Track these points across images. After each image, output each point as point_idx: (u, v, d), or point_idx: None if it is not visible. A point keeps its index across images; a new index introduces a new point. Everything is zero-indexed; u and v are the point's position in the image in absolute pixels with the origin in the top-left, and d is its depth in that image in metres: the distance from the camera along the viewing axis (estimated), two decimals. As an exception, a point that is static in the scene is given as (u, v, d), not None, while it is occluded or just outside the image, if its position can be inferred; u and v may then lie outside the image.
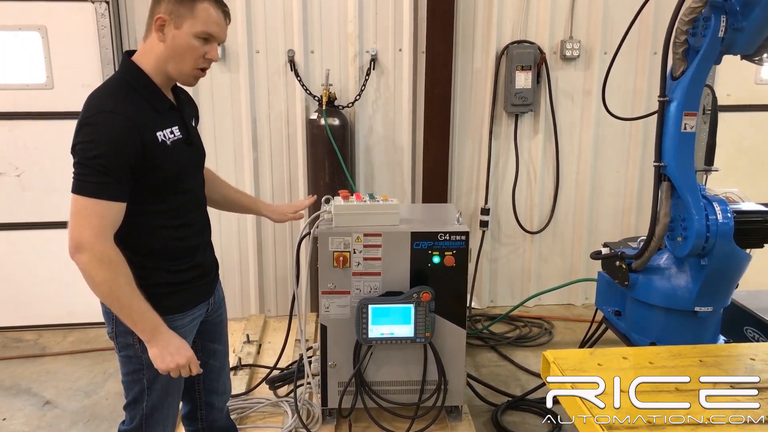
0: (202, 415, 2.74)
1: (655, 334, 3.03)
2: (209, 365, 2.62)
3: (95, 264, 2.00)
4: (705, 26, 2.65)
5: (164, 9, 2.07)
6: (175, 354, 2.14)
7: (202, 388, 2.67)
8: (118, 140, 1.99)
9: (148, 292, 2.12)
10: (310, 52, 4.72)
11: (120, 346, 2.29)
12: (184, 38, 2.10)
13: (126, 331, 2.20)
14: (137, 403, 2.37)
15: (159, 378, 2.33)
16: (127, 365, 2.33)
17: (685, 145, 2.75)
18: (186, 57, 2.13)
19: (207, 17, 2.11)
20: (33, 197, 4.66)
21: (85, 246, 1.99)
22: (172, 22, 2.08)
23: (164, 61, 2.13)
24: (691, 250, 2.77)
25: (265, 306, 5.09)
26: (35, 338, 4.77)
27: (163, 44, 2.10)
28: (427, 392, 3.30)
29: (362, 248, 3.15)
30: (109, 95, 2.07)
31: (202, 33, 2.12)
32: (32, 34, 4.44)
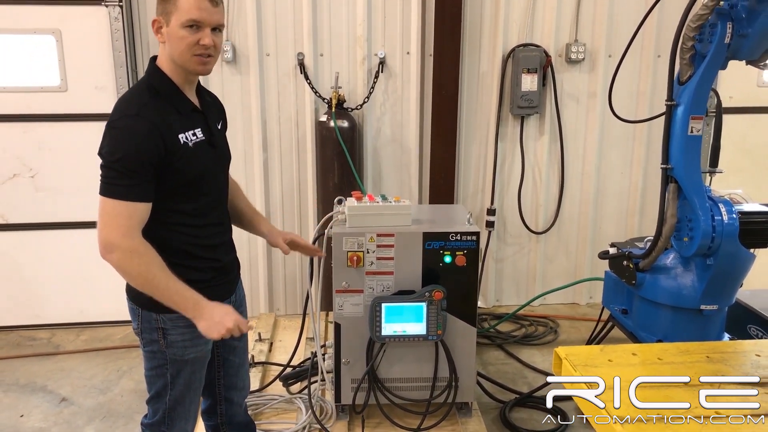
0: (222, 410, 2.79)
1: (662, 331, 3.10)
2: (229, 361, 2.69)
3: (127, 260, 2.10)
4: (711, 32, 2.73)
5: (158, 12, 2.19)
6: (221, 321, 2.20)
7: (222, 383, 2.73)
8: (141, 143, 2.07)
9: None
10: (319, 55, 4.78)
11: (145, 341, 2.37)
12: (175, 31, 2.16)
13: (151, 327, 2.31)
14: (160, 397, 2.44)
15: (182, 373, 2.41)
16: (152, 360, 2.39)
17: (691, 148, 2.83)
18: (182, 47, 2.18)
19: (189, 6, 2.15)
20: (46, 198, 4.72)
21: (114, 245, 2.08)
22: (165, 21, 2.17)
23: (171, 58, 2.21)
24: (697, 250, 2.85)
25: (274, 305, 5.15)
26: (48, 337, 4.83)
27: (164, 44, 2.21)
28: (438, 389, 3.37)
29: (375, 248, 3.21)
30: (134, 99, 2.17)
31: (187, 21, 2.15)
32: (47, 38, 4.50)
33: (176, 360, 2.36)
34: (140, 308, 2.33)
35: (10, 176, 4.68)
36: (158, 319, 2.31)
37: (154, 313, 2.30)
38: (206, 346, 2.45)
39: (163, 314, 2.29)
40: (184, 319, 2.23)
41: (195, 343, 2.38)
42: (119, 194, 2.08)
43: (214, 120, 2.43)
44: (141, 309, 2.33)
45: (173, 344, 2.34)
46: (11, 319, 4.93)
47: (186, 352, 2.37)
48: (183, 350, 2.36)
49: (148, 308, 2.30)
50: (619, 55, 4.84)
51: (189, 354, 2.38)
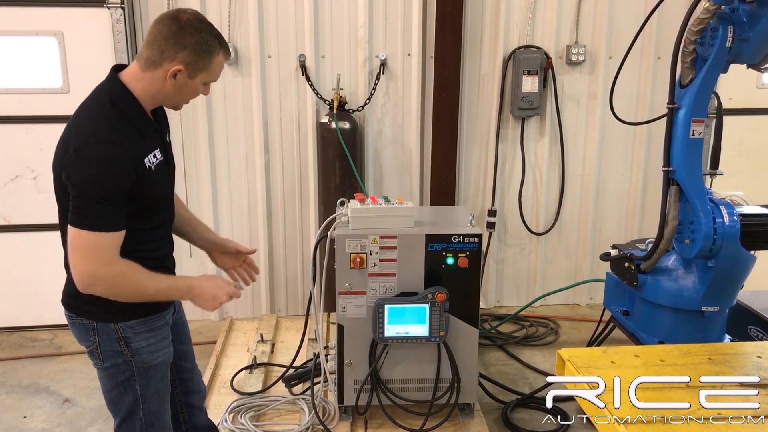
0: (185, 418, 2.71)
1: (663, 333, 3.12)
2: (182, 367, 2.61)
3: (115, 287, 2.09)
4: (713, 36, 2.74)
5: (182, 60, 2.11)
6: (216, 296, 2.26)
7: (180, 391, 2.64)
8: (116, 172, 2.02)
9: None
10: (321, 57, 4.78)
11: (105, 356, 2.24)
12: (195, 86, 2.19)
13: (110, 339, 2.21)
14: (133, 415, 2.31)
15: (152, 382, 2.30)
16: (115, 376, 2.27)
17: (693, 151, 2.85)
18: (187, 98, 2.24)
19: (218, 70, 2.23)
20: (49, 199, 4.63)
21: (98, 278, 2.05)
22: (187, 72, 2.14)
23: (164, 96, 2.19)
24: (699, 252, 2.87)
25: (275, 306, 5.16)
26: (51, 338, 4.84)
27: (171, 87, 2.15)
28: (441, 390, 3.39)
29: (378, 250, 3.23)
30: (102, 122, 2.07)
31: (210, 81, 2.24)
32: (49, 40, 4.50)
33: (144, 368, 2.27)
34: (93, 321, 2.21)
35: (12, 177, 4.68)
36: (117, 328, 2.21)
37: (111, 324, 2.20)
38: (170, 348, 2.39)
39: (122, 323, 2.21)
40: (144, 323, 2.24)
41: (160, 347, 2.32)
42: (98, 226, 2.02)
43: (165, 134, 2.38)
44: (95, 322, 2.21)
45: (139, 351, 2.25)
46: (13, 320, 4.93)
47: (153, 357, 2.29)
48: (150, 355, 2.28)
49: (103, 320, 2.20)
50: (619, 57, 4.87)
51: (156, 358, 2.31)
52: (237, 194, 4.93)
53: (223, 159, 4.84)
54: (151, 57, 2.12)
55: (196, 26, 2.13)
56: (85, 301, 2.17)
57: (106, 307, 2.15)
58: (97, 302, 2.13)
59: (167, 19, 2.13)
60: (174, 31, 2.10)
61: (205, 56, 2.15)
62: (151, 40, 2.12)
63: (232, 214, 4.97)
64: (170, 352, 2.39)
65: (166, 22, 2.12)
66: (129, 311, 2.19)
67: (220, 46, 2.19)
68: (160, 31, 2.11)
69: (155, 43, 2.11)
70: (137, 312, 2.22)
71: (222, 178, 4.88)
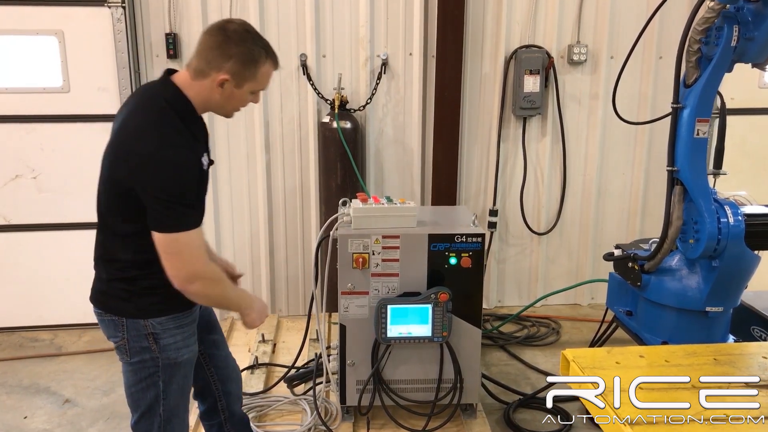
0: (223, 406, 2.79)
1: (667, 333, 3.11)
2: (215, 356, 2.70)
3: (208, 287, 2.24)
4: (718, 35, 2.73)
5: (228, 69, 2.18)
6: (262, 311, 2.50)
7: (216, 379, 2.73)
8: (189, 174, 2.13)
9: (167, 292, 2.22)
10: (322, 57, 4.77)
11: (133, 352, 2.29)
12: (243, 95, 2.28)
13: (139, 335, 2.27)
14: (152, 412, 2.36)
15: (175, 378, 2.35)
16: (139, 372, 2.32)
17: (697, 151, 2.84)
18: (237, 106, 2.33)
19: (265, 79, 2.30)
20: (49, 199, 4.71)
21: (197, 276, 2.18)
22: (234, 82, 2.21)
23: (214, 104, 2.27)
24: (703, 252, 2.86)
25: (276, 306, 5.15)
26: (51, 338, 4.83)
27: (219, 95, 2.23)
28: (443, 390, 3.38)
29: (381, 250, 3.22)
30: (166, 126, 2.14)
31: (258, 90, 2.32)
32: (49, 39, 4.49)
33: (169, 365, 2.32)
34: (123, 317, 2.27)
35: (13, 177, 4.67)
36: (147, 324, 2.26)
37: (141, 320, 2.26)
38: (195, 345, 2.45)
39: (152, 319, 2.26)
40: (172, 320, 2.29)
41: (187, 343, 2.37)
42: (184, 226, 2.12)
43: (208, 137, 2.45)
44: (125, 318, 2.26)
45: (167, 348, 2.30)
46: (14, 320, 4.91)
47: (180, 354, 2.34)
48: (177, 352, 2.33)
49: (133, 316, 2.26)
50: (620, 57, 4.93)
51: (183, 355, 2.36)
52: (238, 194, 4.92)
53: (223, 159, 4.82)
54: (199, 66, 2.20)
55: (242, 36, 2.20)
56: (115, 298, 2.27)
57: (137, 304, 2.24)
58: (129, 299, 2.24)
59: (214, 29, 2.22)
60: (220, 42, 2.18)
61: (251, 66, 2.21)
62: (200, 50, 2.21)
63: (233, 213, 4.95)
64: (195, 349, 2.45)
65: (213, 33, 2.21)
66: (159, 308, 2.26)
67: (267, 56, 2.26)
68: (207, 41, 2.21)
69: (203, 53, 2.20)
70: (167, 309, 2.28)
71: (223, 178, 4.86)
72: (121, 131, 2.19)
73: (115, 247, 2.26)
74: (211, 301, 2.43)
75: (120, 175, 2.13)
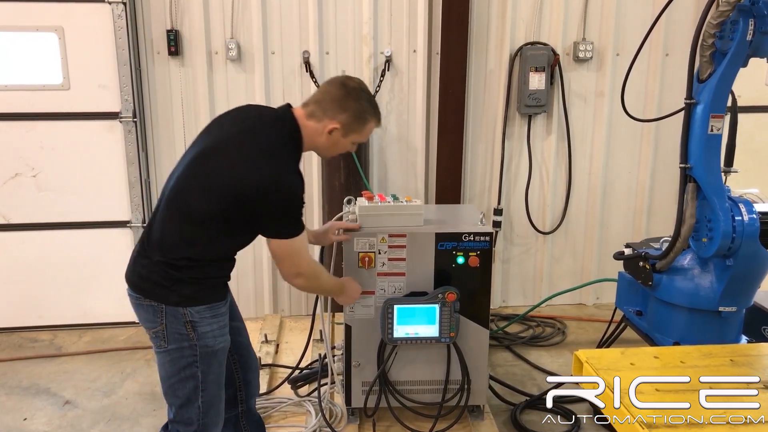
0: (242, 397, 2.84)
1: (679, 333, 3.06)
2: (239, 342, 2.76)
3: (309, 281, 2.63)
4: (733, 29, 2.68)
5: (340, 120, 2.49)
6: (357, 292, 3.07)
7: (238, 367, 2.78)
8: (302, 195, 2.41)
9: (209, 284, 2.42)
10: (325, 54, 4.74)
11: (171, 339, 2.38)
12: (345, 143, 2.59)
13: (178, 322, 2.37)
14: (191, 403, 2.44)
15: (212, 367, 2.45)
16: (178, 361, 2.40)
17: (711, 147, 2.80)
18: (336, 151, 2.63)
19: (369, 133, 2.65)
20: (49, 198, 4.65)
21: (302, 273, 2.55)
22: (342, 132, 2.52)
23: (318, 145, 2.57)
24: (717, 251, 2.81)
25: (279, 306, 5.10)
26: (51, 338, 4.77)
27: (325, 140, 2.53)
28: (450, 392, 3.32)
29: (387, 249, 3.17)
30: (290, 156, 2.46)
31: (358, 142, 2.65)
32: (49, 35, 4.44)
33: (207, 353, 2.41)
34: (162, 304, 2.36)
35: (12, 176, 4.61)
36: (186, 312, 2.36)
37: (180, 308, 2.35)
38: (228, 335, 2.53)
39: (191, 307, 2.36)
40: (209, 309, 2.41)
41: (222, 332, 2.48)
42: (295, 233, 2.43)
43: None
44: (164, 305, 2.36)
45: (204, 335, 2.39)
46: (13, 320, 4.85)
47: (216, 342, 2.43)
48: (214, 340, 2.42)
49: (173, 303, 2.35)
50: (626, 54, 4.91)
51: (219, 343, 2.45)
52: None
53: (226, 157, 4.76)
54: (315, 112, 2.51)
55: (359, 94, 2.53)
56: (157, 284, 2.36)
57: (179, 292, 2.35)
58: (171, 287, 2.35)
59: (337, 83, 2.55)
60: (341, 96, 2.50)
61: (361, 121, 2.55)
62: (320, 97, 2.53)
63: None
64: (228, 339, 2.54)
65: (335, 86, 2.54)
66: (198, 297, 2.38)
67: (374, 115, 2.60)
68: (329, 92, 2.53)
69: (323, 101, 2.51)
70: (205, 298, 2.40)
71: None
72: (242, 143, 2.40)
73: (188, 237, 2.36)
74: (311, 291, 3.11)
75: (243, 186, 2.30)
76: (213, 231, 2.37)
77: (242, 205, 2.32)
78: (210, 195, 2.34)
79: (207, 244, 2.37)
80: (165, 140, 4.76)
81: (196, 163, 2.42)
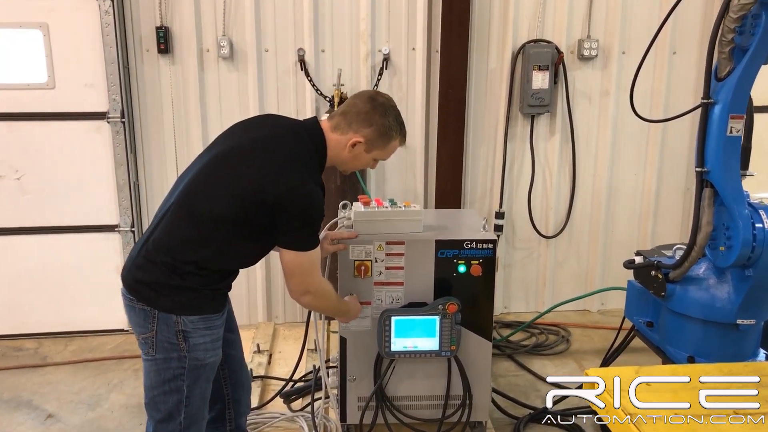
0: (230, 416, 2.75)
1: (693, 347, 2.92)
2: (232, 356, 2.67)
3: (318, 300, 2.54)
4: (754, 24, 2.53)
5: (365, 135, 2.47)
6: (357, 311, 2.95)
7: (228, 383, 2.69)
8: (322, 208, 2.37)
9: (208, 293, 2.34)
10: (320, 51, 4.60)
11: (160, 348, 2.29)
12: (367, 159, 2.56)
13: (170, 330, 2.27)
14: (172, 419, 2.35)
15: (199, 381, 2.35)
16: (165, 372, 2.31)
17: (730, 150, 2.65)
18: (356, 165, 2.60)
19: (393, 151, 2.61)
20: (34, 201, 4.50)
21: (310, 291, 2.46)
22: (365, 146, 2.49)
23: (340, 158, 2.53)
24: (736, 261, 2.66)
25: (272, 313, 4.94)
26: (35, 347, 4.60)
27: (347, 153, 2.49)
28: (451, 407, 3.17)
29: (384, 257, 3.02)
30: (313, 167, 2.42)
31: (380, 159, 2.62)
32: (33, 32, 4.28)
33: (196, 366, 2.33)
34: (156, 309, 2.27)
35: (-5, 178, 4.46)
36: (179, 321, 2.27)
37: (174, 315, 2.27)
38: (220, 350, 2.46)
39: (184, 316, 2.27)
40: (203, 321, 2.31)
41: (214, 346, 2.39)
42: (310, 246, 2.36)
43: None
44: (157, 311, 2.27)
45: (195, 347, 2.31)
46: (-4, 328, 4.69)
47: (207, 356, 2.35)
48: (205, 353, 2.34)
49: (166, 310, 2.27)
50: (632, 52, 4.79)
51: (209, 357, 2.37)
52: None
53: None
54: (341, 124, 2.48)
55: (387, 111, 2.50)
56: (153, 287, 2.28)
57: (174, 299, 2.27)
58: (165, 292, 2.27)
59: (366, 97, 2.53)
60: (368, 110, 2.47)
61: (386, 138, 2.52)
62: (347, 110, 2.50)
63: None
64: (220, 354, 2.47)
65: (363, 99, 2.51)
66: (193, 306, 2.30)
67: (400, 134, 2.57)
68: (357, 105, 2.49)
69: (349, 114, 2.48)
70: (201, 308, 2.32)
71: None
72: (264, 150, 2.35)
73: (199, 240, 2.29)
74: (317, 310, 2.89)
75: (265, 193, 2.25)
76: (225, 237, 2.30)
77: (261, 211, 2.26)
78: (228, 199, 2.28)
79: (217, 250, 2.30)
80: (155, 141, 4.61)
81: (215, 166, 2.36)
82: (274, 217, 2.27)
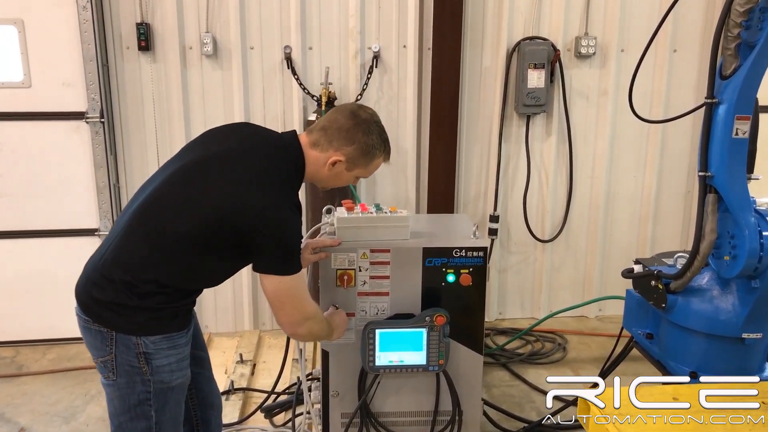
0: None
1: (695, 362, 2.75)
2: (200, 375, 2.52)
3: (316, 327, 2.39)
4: (762, 18, 2.37)
5: (346, 153, 2.31)
6: (343, 326, 2.73)
7: (196, 403, 2.53)
8: (298, 230, 2.20)
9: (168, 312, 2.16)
10: (308, 49, 4.49)
11: (120, 370, 2.13)
12: (348, 177, 2.42)
13: (130, 352, 2.11)
14: None
15: (167, 406, 2.21)
16: (129, 397, 2.16)
17: (736, 153, 2.49)
18: (338, 184, 2.47)
19: (375, 169, 2.46)
20: (9, 204, 4.36)
21: (308, 317, 2.32)
22: (345, 165, 2.34)
23: (319, 176, 2.38)
24: (742, 271, 2.50)
25: (259, 320, 4.81)
26: (12, 355, 4.45)
27: (327, 171, 2.35)
28: (440, 424, 3.00)
29: (369, 265, 2.84)
30: (287, 188, 2.24)
31: (362, 178, 2.48)
32: (8, 29, 4.15)
33: (162, 389, 2.17)
34: (113, 330, 2.10)
35: (-32, 181, 4.31)
36: (139, 342, 2.11)
37: (133, 337, 2.10)
38: (188, 369, 2.30)
39: (145, 337, 2.11)
40: (166, 340, 2.16)
41: (180, 366, 2.23)
42: (292, 270, 2.20)
43: None
44: (114, 332, 2.10)
45: (159, 370, 2.15)
46: (-30, 336, 4.54)
47: (173, 377, 2.19)
48: (170, 375, 2.18)
49: (125, 331, 2.10)
50: (631, 50, 4.67)
51: (176, 379, 2.21)
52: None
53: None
54: (320, 140, 2.32)
55: (370, 127, 2.34)
56: (107, 308, 2.11)
57: (131, 319, 2.10)
58: (122, 312, 2.10)
59: (347, 112, 2.35)
60: (350, 126, 2.31)
61: (368, 157, 2.37)
62: (327, 125, 2.33)
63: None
64: (189, 374, 2.32)
65: (345, 115, 2.34)
66: (154, 326, 2.14)
67: (384, 152, 2.42)
68: (338, 120, 2.33)
69: (330, 130, 2.32)
70: (162, 327, 2.15)
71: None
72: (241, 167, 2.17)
73: (158, 258, 2.12)
74: (316, 338, 2.75)
75: (232, 211, 2.10)
76: (187, 255, 2.13)
77: (228, 231, 2.10)
78: (191, 216, 2.11)
79: (179, 270, 2.14)
80: (136, 142, 4.47)
81: (179, 178, 2.19)
82: (245, 238, 2.12)
